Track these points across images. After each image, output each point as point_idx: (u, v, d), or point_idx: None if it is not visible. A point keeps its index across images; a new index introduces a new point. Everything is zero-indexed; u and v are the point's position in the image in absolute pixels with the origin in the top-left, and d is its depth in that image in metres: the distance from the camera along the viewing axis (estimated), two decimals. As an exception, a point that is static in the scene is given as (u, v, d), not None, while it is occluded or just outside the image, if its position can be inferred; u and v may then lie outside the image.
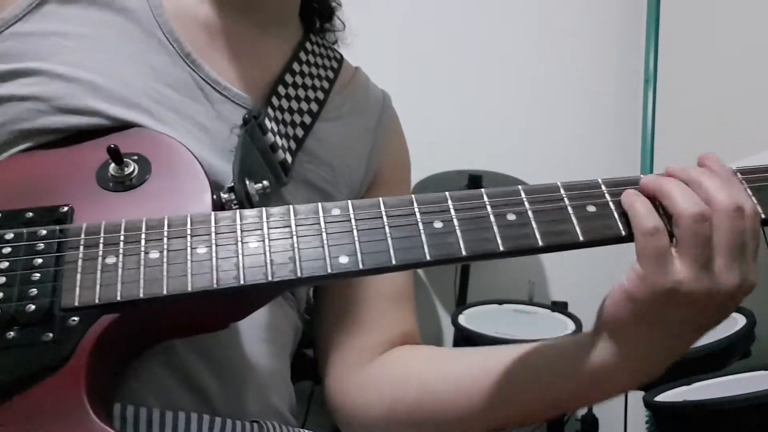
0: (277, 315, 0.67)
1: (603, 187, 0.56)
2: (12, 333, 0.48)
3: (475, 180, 1.87)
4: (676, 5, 2.22)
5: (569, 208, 0.54)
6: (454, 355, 0.71)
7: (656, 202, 0.53)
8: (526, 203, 0.54)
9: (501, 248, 0.52)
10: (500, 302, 1.80)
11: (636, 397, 1.47)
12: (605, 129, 2.32)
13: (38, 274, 0.50)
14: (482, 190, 0.55)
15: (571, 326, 1.64)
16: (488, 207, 0.54)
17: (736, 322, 1.34)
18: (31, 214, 0.54)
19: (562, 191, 0.55)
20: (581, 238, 0.54)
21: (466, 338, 1.70)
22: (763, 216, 0.55)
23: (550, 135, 2.25)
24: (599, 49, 2.35)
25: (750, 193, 0.57)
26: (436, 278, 2.16)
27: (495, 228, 0.53)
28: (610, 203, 0.55)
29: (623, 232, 0.54)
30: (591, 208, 0.55)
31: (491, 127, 2.21)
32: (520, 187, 0.55)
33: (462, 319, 1.70)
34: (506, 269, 2.15)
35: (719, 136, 1.85)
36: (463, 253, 0.52)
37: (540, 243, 0.53)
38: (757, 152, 1.63)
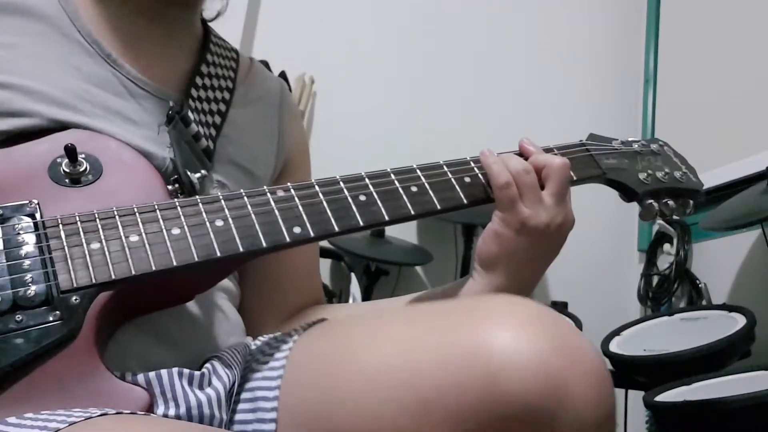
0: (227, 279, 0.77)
1: (472, 164, 0.75)
2: (20, 316, 0.54)
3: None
4: (676, 5, 2.22)
5: (452, 180, 0.72)
6: (362, 304, 0.85)
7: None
8: (422, 178, 0.71)
9: (412, 212, 0.68)
10: (500, 302, 1.79)
11: (636, 397, 1.47)
12: (605, 129, 2.30)
13: (28, 262, 0.56)
14: (388, 169, 0.71)
15: (571, 326, 1.64)
16: (396, 182, 0.70)
17: (736, 322, 1.34)
18: (1, 210, 0.59)
19: (445, 167, 0.73)
20: (465, 201, 0.72)
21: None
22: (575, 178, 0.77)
23: (550, 135, 2.23)
24: (599, 49, 2.35)
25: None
26: (436, 278, 2.16)
27: (405, 198, 0.69)
28: (479, 175, 0.74)
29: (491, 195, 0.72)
30: (467, 179, 0.73)
31: (491, 127, 2.21)
32: (414, 165, 0.72)
33: (462, 319, 1.69)
34: (506, 269, 2.15)
35: (719, 136, 1.85)
36: (386, 218, 0.67)
37: (438, 207, 0.70)
38: (757, 152, 1.64)
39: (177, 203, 0.62)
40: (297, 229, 0.63)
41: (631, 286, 2.12)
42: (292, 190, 0.66)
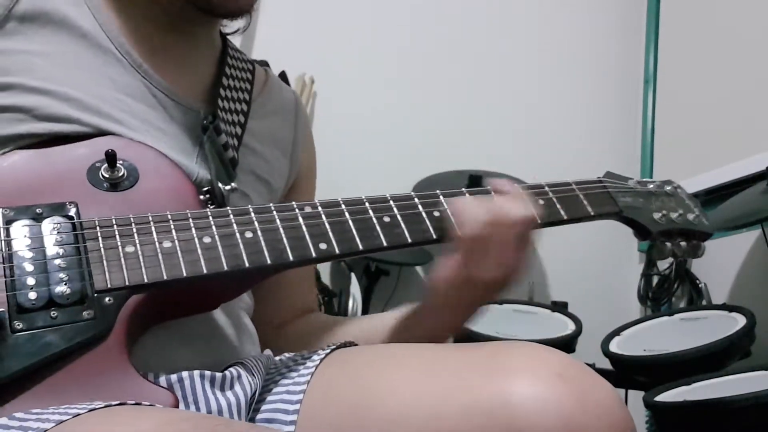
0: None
1: (441, 198, 0.73)
2: (54, 312, 0.55)
3: (475, 180, 1.87)
4: (676, 5, 2.22)
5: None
6: (360, 322, 0.85)
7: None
8: (444, 204, 0.71)
9: (434, 236, 0.70)
10: (500, 302, 1.80)
11: (636, 397, 1.47)
12: (605, 129, 2.32)
13: (64, 263, 0.58)
14: (412, 193, 0.72)
15: (571, 326, 1.64)
16: (419, 206, 0.71)
17: (736, 322, 1.34)
18: (40, 210, 0.60)
19: (467, 194, 0.73)
20: (434, 236, 0.71)
21: (466, 338, 1.70)
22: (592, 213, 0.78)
23: (550, 135, 2.25)
24: (599, 49, 2.35)
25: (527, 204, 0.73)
26: (436, 278, 2.16)
27: (427, 222, 0.70)
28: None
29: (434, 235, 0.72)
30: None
31: (491, 127, 2.21)
32: (438, 191, 0.73)
33: (462, 319, 1.69)
34: (506, 269, 2.15)
35: (719, 136, 1.85)
36: (409, 240, 0.69)
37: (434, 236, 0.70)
38: (757, 152, 1.64)
39: (209, 213, 0.64)
40: (323, 245, 0.65)
41: (631, 286, 2.12)
42: (319, 207, 0.67)
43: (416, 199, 0.71)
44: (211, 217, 0.63)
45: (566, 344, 1.60)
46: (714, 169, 1.79)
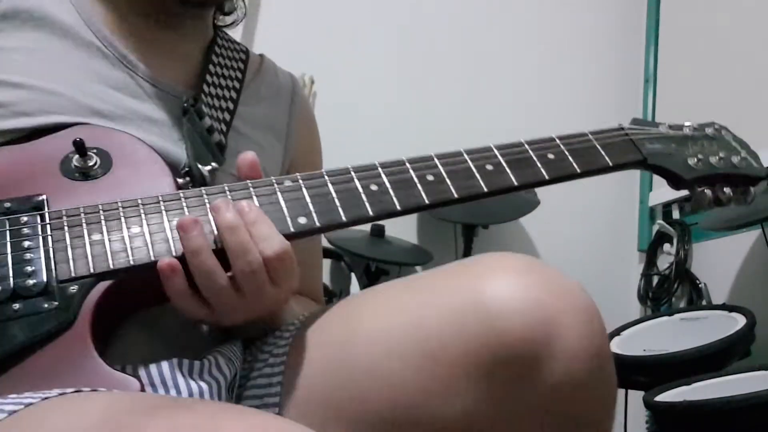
0: None
1: (495, 150, 0.72)
2: (17, 305, 0.55)
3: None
4: (676, 5, 2.22)
5: (473, 168, 0.69)
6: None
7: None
8: (439, 166, 0.68)
9: (426, 201, 0.66)
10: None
11: (636, 397, 1.47)
12: (605, 129, 2.32)
13: (29, 255, 0.57)
14: (404, 158, 0.68)
15: (571, 326, 1.64)
16: (411, 171, 0.67)
17: (736, 322, 1.34)
18: (9, 204, 0.60)
19: (465, 155, 0.70)
20: (485, 189, 0.69)
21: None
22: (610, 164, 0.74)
23: (549, 134, 2.25)
24: (599, 49, 2.35)
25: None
26: (436, 278, 2.16)
27: (419, 186, 0.66)
28: (502, 162, 0.71)
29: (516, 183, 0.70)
30: (489, 167, 0.70)
31: (491, 127, 2.21)
32: (432, 153, 0.69)
33: (462, 319, 1.69)
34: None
35: (719, 136, 1.85)
36: (398, 207, 0.65)
37: (455, 195, 0.67)
38: (757, 152, 1.63)
39: (181, 195, 0.62)
40: (302, 219, 0.62)
41: (631, 286, 2.12)
42: (300, 180, 0.64)
43: (408, 164, 0.67)
44: (183, 199, 0.62)
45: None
46: (714, 169, 1.78)
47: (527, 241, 2.21)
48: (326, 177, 0.65)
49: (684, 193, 0.79)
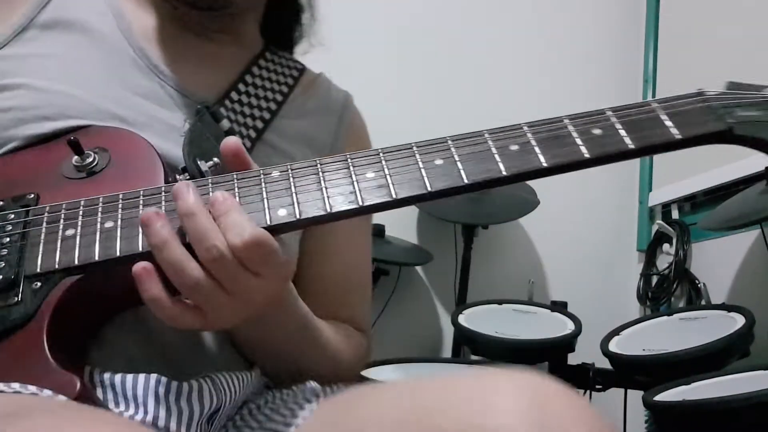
0: None
1: (525, 128, 0.62)
2: None
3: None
4: (676, 5, 2.22)
5: (493, 148, 0.60)
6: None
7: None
8: (452, 148, 0.60)
9: (430, 188, 0.57)
10: (500, 302, 1.80)
11: (635, 396, 1.48)
12: (605, 129, 2.32)
13: (5, 250, 0.58)
14: (412, 143, 0.60)
15: (570, 326, 1.64)
16: (417, 155, 0.59)
17: (735, 322, 1.34)
18: (1, 203, 0.62)
19: (487, 135, 0.62)
20: (504, 173, 0.58)
21: (465, 338, 1.70)
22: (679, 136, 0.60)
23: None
24: (599, 49, 2.35)
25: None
26: (436, 278, 2.16)
27: (423, 172, 0.58)
28: (531, 140, 0.60)
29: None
30: (514, 147, 0.60)
31: (491, 127, 2.21)
32: (447, 137, 0.62)
33: (462, 319, 1.70)
34: (506, 269, 2.16)
35: (719, 136, 1.85)
36: (397, 196, 0.57)
37: (466, 180, 0.57)
38: (757, 152, 1.64)
39: (162, 188, 0.60)
40: (282, 211, 0.57)
41: (631, 286, 2.12)
42: (289, 170, 0.59)
43: (414, 147, 0.60)
44: (163, 193, 0.59)
45: (566, 344, 1.60)
46: (714, 169, 1.79)
47: (527, 241, 2.21)
48: (319, 166, 0.59)
49: (684, 192, 0.72)
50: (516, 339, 1.60)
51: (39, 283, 0.56)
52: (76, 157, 0.64)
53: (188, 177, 0.64)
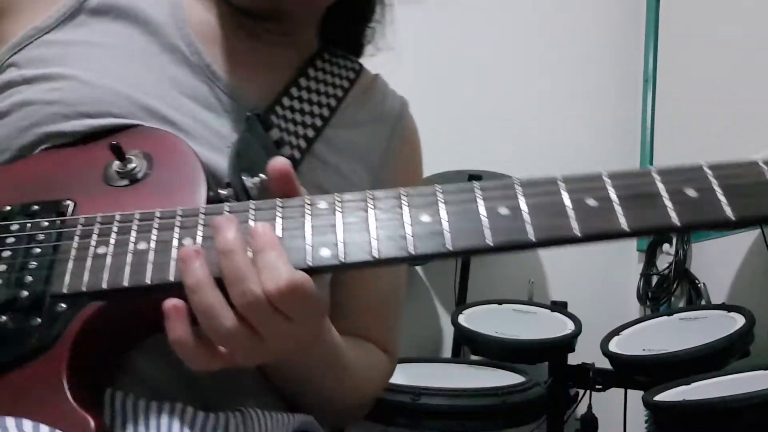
0: None
1: (606, 180, 0.52)
2: (4, 317, 0.52)
3: (474, 180, 1.87)
4: (676, 5, 2.22)
5: (567, 201, 0.51)
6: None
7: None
8: (521, 196, 0.52)
9: (491, 243, 0.50)
10: (500, 302, 1.80)
11: (635, 396, 1.48)
12: (605, 129, 2.32)
13: (35, 263, 0.54)
14: (474, 183, 0.53)
15: (570, 326, 1.64)
16: (479, 199, 0.52)
17: (735, 322, 1.34)
18: (36, 207, 0.58)
19: (560, 184, 0.52)
20: (578, 234, 0.50)
21: (465, 338, 1.70)
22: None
23: (549, 135, 2.25)
24: (599, 49, 2.35)
25: None
26: (436, 278, 2.16)
27: (483, 220, 0.51)
28: (613, 197, 0.51)
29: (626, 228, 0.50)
30: (591, 203, 0.51)
31: (491, 127, 2.21)
32: (514, 178, 0.54)
33: (462, 319, 1.70)
34: (506, 269, 2.16)
35: (718, 136, 1.85)
36: (450, 248, 0.50)
37: (533, 239, 0.50)
38: (757, 152, 1.64)
39: (201, 210, 0.55)
40: (325, 252, 0.51)
41: (631, 286, 2.12)
42: (336, 202, 0.53)
43: (478, 190, 0.52)
44: (201, 216, 0.54)
45: (566, 344, 1.60)
46: (713, 169, 1.78)
47: (527, 241, 2.21)
48: (368, 201, 0.53)
49: None
50: (516, 339, 1.60)
51: (64, 305, 0.52)
52: (117, 162, 0.60)
53: (231, 193, 0.60)
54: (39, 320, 0.51)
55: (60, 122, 0.63)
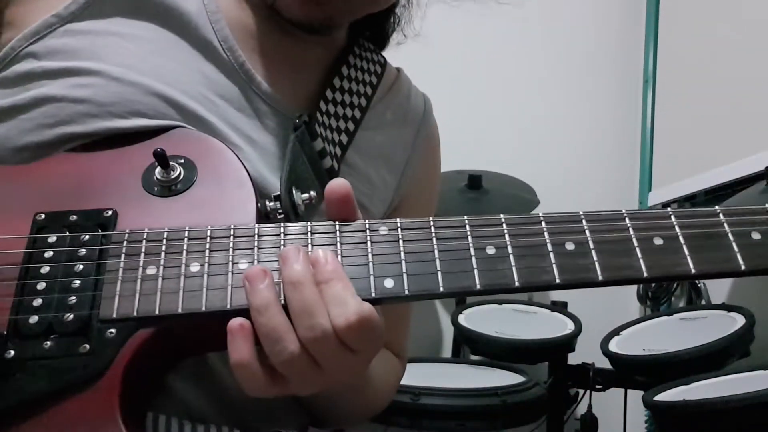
0: None
1: (673, 219, 0.52)
2: (49, 342, 0.48)
3: (474, 180, 1.87)
4: (676, 5, 2.22)
5: (634, 240, 0.50)
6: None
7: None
8: (587, 231, 0.51)
9: (558, 280, 0.49)
10: (500, 302, 1.80)
11: (635, 396, 1.48)
12: (605, 129, 2.32)
13: (78, 282, 0.50)
14: (540, 214, 0.52)
15: (570, 326, 1.64)
16: (546, 234, 0.51)
17: (735, 322, 1.34)
18: (75, 216, 0.53)
19: (627, 220, 0.51)
20: (645, 274, 0.49)
21: (465, 338, 1.70)
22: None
23: (549, 135, 2.25)
24: (599, 49, 2.35)
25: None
26: (435, 278, 2.16)
27: (551, 258, 0.50)
28: (680, 236, 0.51)
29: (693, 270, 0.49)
30: (658, 241, 0.51)
31: (491, 127, 2.21)
32: (581, 212, 0.52)
33: (462, 319, 1.70)
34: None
35: (718, 137, 1.85)
36: (516, 283, 0.50)
37: (600, 277, 0.49)
38: (757, 152, 1.64)
39: (256, 230, 0.52)
40: (389, 283, 0.50)
41: (631, 286, 2.12)
42: (398, 229, 0.52)
43: (543, 223, 0.52)
44: (256, 237, 0.51)
45: (566, 344, 1.60)
46: (713, 168, 1.79)
47: (527, 241, 2.21)
48: (432, 228, 0.52)
49: (684, 192, 0.72)
50: (516, 339, 1.60)
51: (113, 331, 0.48)
52: (159, 169, 0.55)
53: (279, 206, 0.58)
54: (87, 347, 0.48)
55: (89, 122, 0.58)
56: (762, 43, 1.74)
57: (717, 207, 0.52)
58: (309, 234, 0.52)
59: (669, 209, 0.52)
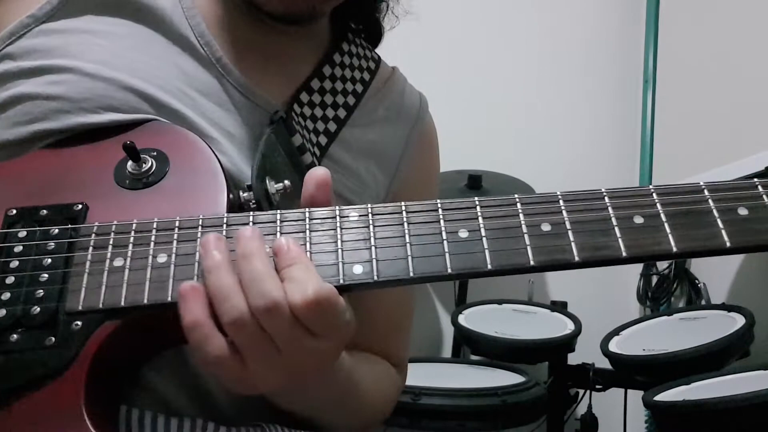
0: None
1: (655, 196, 0.50)
2: (15, 336, 0.48)
3: (474, 180, 1.87)
4: (676, 5, 2.22)
5: (613, 219, 0.49)
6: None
7: None
8: (564, 211, 0.49)
9: (532, 262, 0.48)
10: (500, 302, 1.80)
11: (635, 396, 1.48)
12: (605, 129, 2.32)
13: (46, 275, 0.50)
14: (516, 196, 0.51)
15: (570, 326, 1.64)
16: (521, 215, 0.49)
17: (735, 322, 1.35)
18: (45, 211, 0.54)
19: (607, 199, 0.50)
20: (624, 254, 0.48)
21: (465, 338, 1.70)
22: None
23: (549, 135, 2.25)
24: (599, 49, 2.35)
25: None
26: (435, 278, 2.16)
27: (526, 239, 0.48)
28: (662, 214, 0.49)
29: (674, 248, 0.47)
30: (638, 219, 0.49)
31: (491, 127, 2.21)
32: (558, 193, 0.51)
33: (462, 319, 1.70)
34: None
35: (718, 137, 1.85)
36: (489, 266, 0.48)
37: (576, 258, 0.48)
38: (757, 152, 1.64)
39: (225, 219, 0.52)
40: (357, 269, 0.49)
41: (631, 285, 2.12)
42: (370, 214, 0.51)
43: (519, 204, 0.50)
44: (225, 225, 0.51)
45: (565, 344, 1.60)
46: (714, 168, 1.79)
47: (527, 241, 2.21)
48: (404, 213, 0.50)
49: None
50: (516, 339, 1.60)
51: (79, 324, 0.48)
52: (131, 162, 0.56)
53: (252, 197, 0.57)
54: (53, 339, 0.48)
55: (62, 118, 0.58)
56: (762, 43, 1.74)
57: (701, 182, 0.50)
58: (278, 222, 0.51)
59: (651, 186, 0.50)
